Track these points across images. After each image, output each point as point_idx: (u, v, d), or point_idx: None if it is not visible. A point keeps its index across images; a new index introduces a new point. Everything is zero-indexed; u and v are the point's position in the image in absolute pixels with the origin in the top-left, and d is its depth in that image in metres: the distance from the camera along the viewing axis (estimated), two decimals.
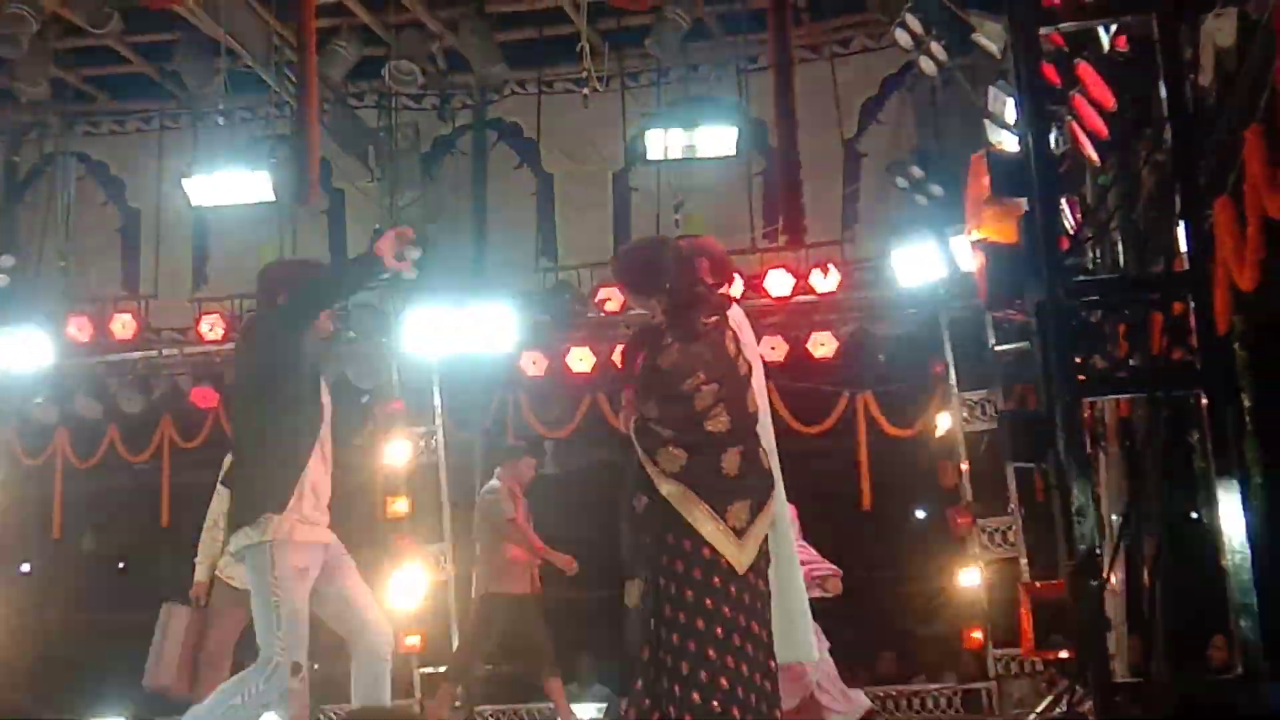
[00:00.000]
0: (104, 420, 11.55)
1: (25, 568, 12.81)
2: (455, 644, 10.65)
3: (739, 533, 4.43)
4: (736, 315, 4.76)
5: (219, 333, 11.07)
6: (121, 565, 13.76)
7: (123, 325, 11.16)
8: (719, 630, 4.33)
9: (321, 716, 10.62)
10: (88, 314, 11.18)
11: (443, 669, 10.56)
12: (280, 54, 9.97)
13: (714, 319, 4.59)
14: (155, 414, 11.59)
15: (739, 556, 4.42)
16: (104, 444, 11.60)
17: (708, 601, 4.35)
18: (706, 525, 4.42)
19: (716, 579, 4.39)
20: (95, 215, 12.02)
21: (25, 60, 10.45)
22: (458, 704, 9.45)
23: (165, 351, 11.45)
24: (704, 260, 4.79)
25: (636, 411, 4.62)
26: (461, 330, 10.57)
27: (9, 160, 12.23)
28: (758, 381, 4.70)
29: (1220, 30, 5.58)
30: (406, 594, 10.61)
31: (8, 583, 12.05)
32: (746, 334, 4.81)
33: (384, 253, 4.85)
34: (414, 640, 10.59)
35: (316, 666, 12.40)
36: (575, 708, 10.35)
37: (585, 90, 10.22)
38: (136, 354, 11.41)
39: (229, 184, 9.86)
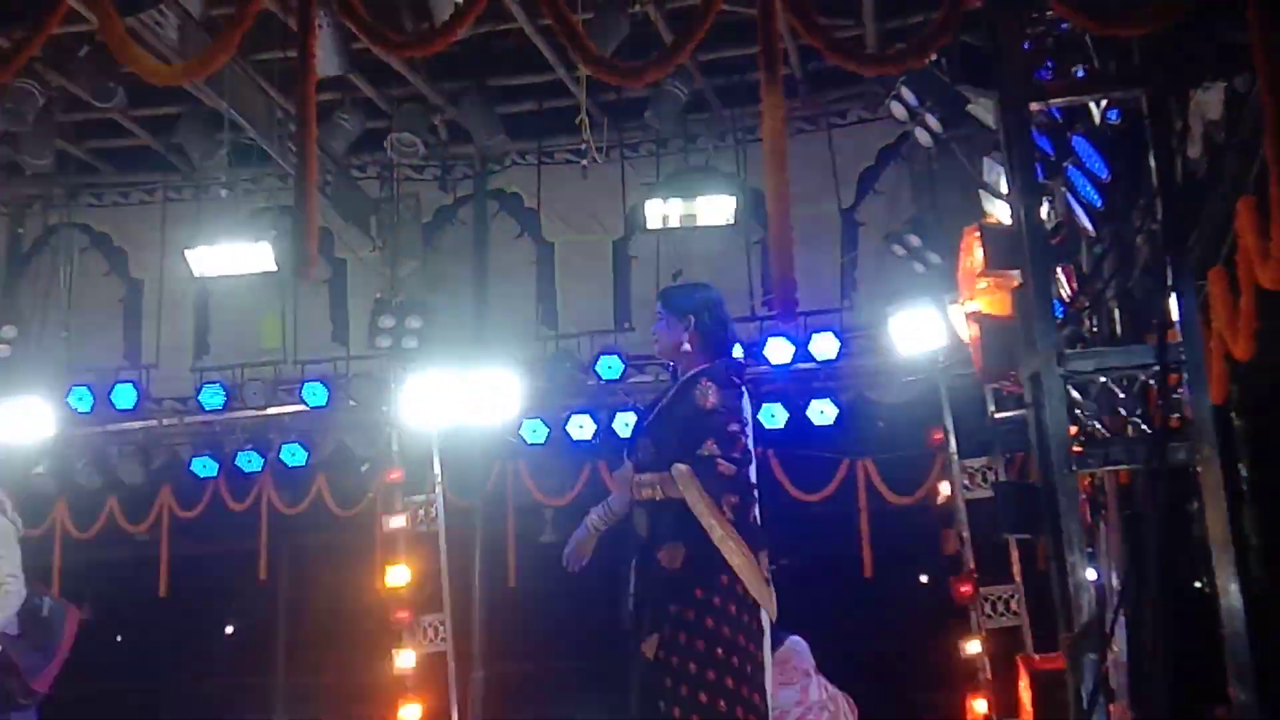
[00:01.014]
0: (104, 490, 11.56)
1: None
2: (454, 714, 10.58)
3: (768, 582, 4.52)
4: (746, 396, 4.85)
5: (219, 402, 11.10)
6: (119, 637, 13.68)
7: (124, 395, 11.19)
8: (748, 668, 4.39)
9: None
10: (89, 384, 11.21)
11: None
12: (283, 126, 10.07)
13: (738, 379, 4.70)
14: (155, 484, 11.60)
15: (772, 605, 4.49)
16: (103, 514, 11.60)
17: (741, 639, 4.41)
18: (748, 572, 4.44)
19: (748, 621, 4.43)
20: (98, 286, 12.09)
21: (31, 133, 10.56)
22: None
23: (165, 421, 11.47)
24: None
25: (684, 456, 4.51)
26: (461, 398, 10.58)
27: (13, 232, 12.32)
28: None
29: (1208, 104, 5.65)
30: (404, 664, 10.55)
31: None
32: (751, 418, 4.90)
33: None
34: (413, 712, 10.50)
35: None
36: None
37: (585, 161, 10.35)
38: (137, 424, 11.43)
39: (231, 255, 9.95)
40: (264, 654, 12.77)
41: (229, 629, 13.99)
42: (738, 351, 5.24)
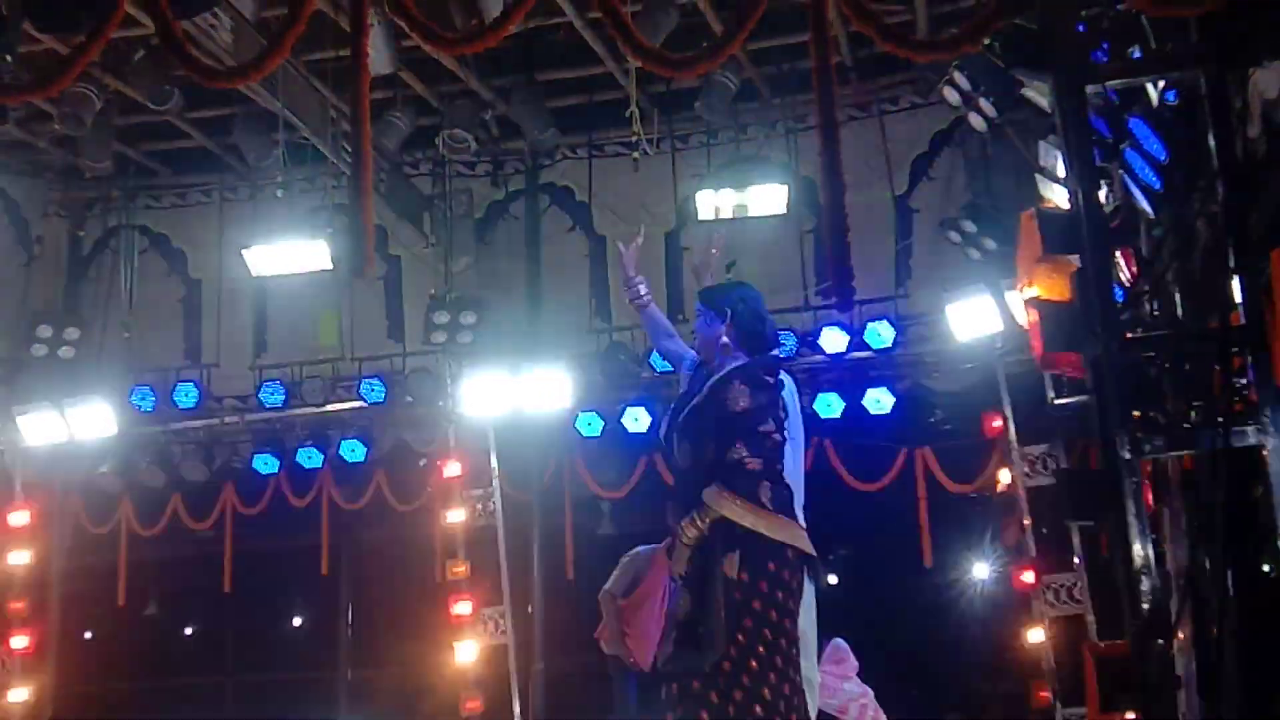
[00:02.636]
0: (167, 489, 11.71)
1: (88, 635, 12.95)
2: (515, 707, 10.64)
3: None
4: (790, 387, 5.09)
5: (279, 399, 11.23)
6: (189, 632, 13.89)
7: (185, 394, 11.34)
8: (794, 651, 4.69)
9: None
10: (151, 384, 11.37)
11: None
12: (336, 125, 10.15)
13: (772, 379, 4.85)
14: (218, 482, 11.74)
15: (808, 545, 4.78)
16: (167, 512, 11.75)
17: (787, 623, 4.66)
18: (794, 537, 4.73)
19: (796, 588, 4.72)
20: (158, 287, 12.25)
21: (89, 137, 10.72)
22: None
23: (227, 419, 11.61)
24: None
25: (717, 460, 4.74)
26: (517, 393, 10.63)
27: (73, 235, 12.50)
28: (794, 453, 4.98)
29: (1267, 82, 5.55)
30: (466, 658, 10.63)
31: (72, 650, 12.20)
32: (793, 407, 5.14)
33: None
34: (475, 704, 10.58)
35: None
36: None
37: (636, 153, 10.33)
38: (199, 422, 11.58)
39: (287, 253, 10.04)
40: (327, 648, 12.90)
41: (292, 623, 14.15)
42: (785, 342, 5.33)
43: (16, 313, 11.83)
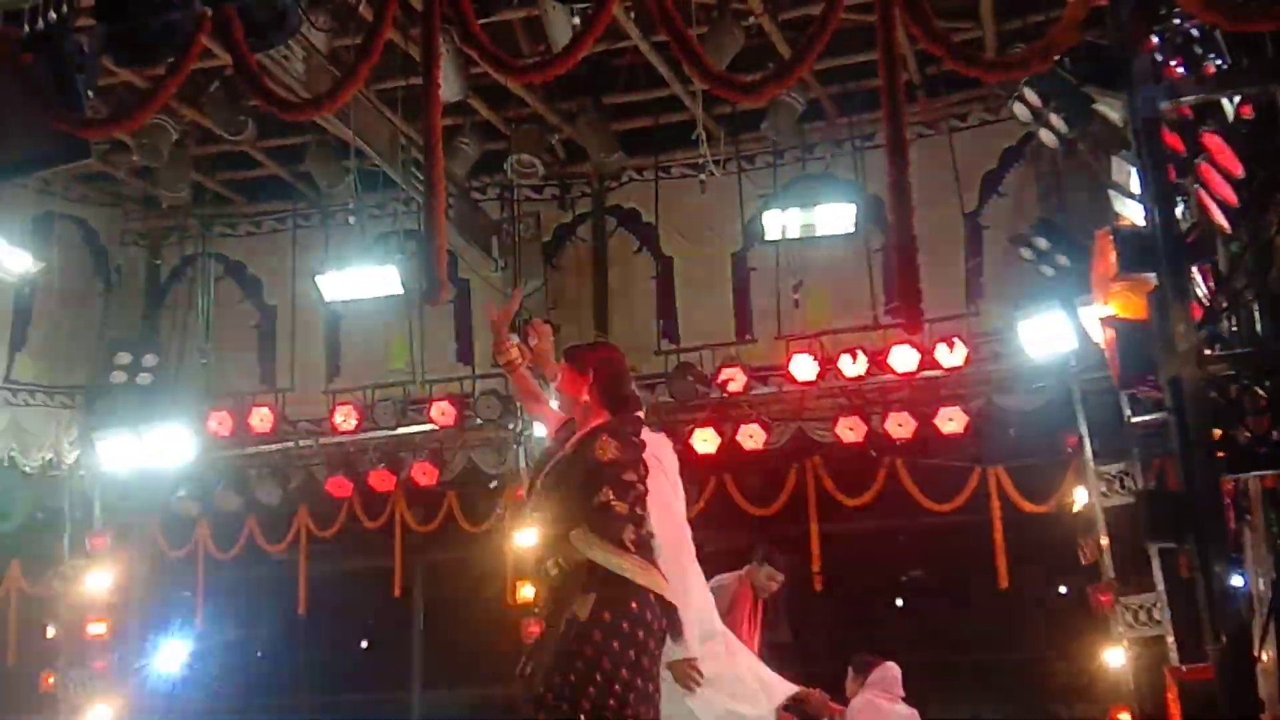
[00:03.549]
0: (243, 511, 11.87)
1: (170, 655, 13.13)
2: None
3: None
4: (656, 444, 5.34)
5: (352, 423, 11.35)
6: (260, 654, 14.04)
7: (260, 419, 11.50)
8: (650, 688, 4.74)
9: None
10: (227, 409, 11.54)
11: None
12: (406, 152, 10.27)
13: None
14: (292, 504, 11.88)
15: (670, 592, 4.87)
16: (243, 535, 11.90)
17: (645, 662, 4.72)
18: (657, 583, 4.81)
19: (658, 630, 4.79)
20: (233, 313, 12.46)
21: (166, 167, 10.94)
22: None
23: (301, 443, 11.75)
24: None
25: (584, 506, 4.85)
26: None
27: (151, 263, 12.75)
28: (659, 507, 5.12)
29: None
30: None
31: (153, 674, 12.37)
32: (668, 462, 5.53)
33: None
34: None
35: None
36: None
37: (702, 175, 10.35)
38: (274, 446, 11.73)
39: (359, 279, 10.17)
40: (399, 669, 12.99)
41: (364, 645, 14.26)
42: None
43: (96, 340, 12.07)
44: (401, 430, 11.45)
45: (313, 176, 11.35)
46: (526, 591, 10.82)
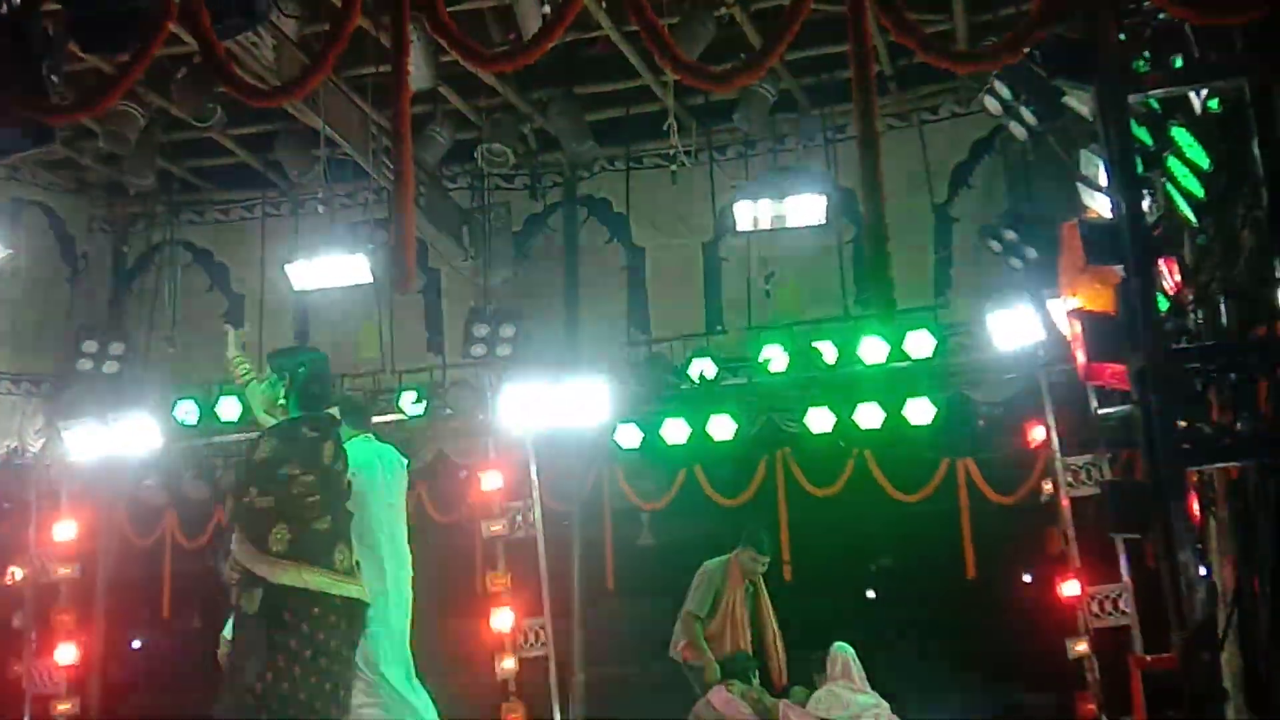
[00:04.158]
0: (210, 501, 11.78)
1: (136, 644, 13.06)
2: (556, 717, 10.65)
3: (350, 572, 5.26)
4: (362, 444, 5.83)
5: None
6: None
7: (227, 408, 11.42)
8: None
9: None
10: (194, 397, 11.46)
11: None
12: (376, 140, 10.23)
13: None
14: None
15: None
16: (211, 524, 11.82)
17: (323, 661, 5.11)
18: (317, 584, 5.10)
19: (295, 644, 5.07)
20: (201, 301, 12.38)
21: (133, 154, 10.85)
22: None
23: None
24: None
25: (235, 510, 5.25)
26: (556, 405, 10.66)
27: (118, 250, 12.66)
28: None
29: None
30: (506, 668, 10.65)
31: (118, 662, 12.30)
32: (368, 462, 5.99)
33: None
34: (515, 716, 10.59)
35: None
36: None
37: (674, 165, 10.36)
38: (242, 435, 11.64)
39: (329, 268, 10.11)
40: None
41: None
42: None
43: (62, 327, 11.98)
44: (371, 420, 11.38)
45: (282, 164, 11.28)
46: (497, 580, 10.84)
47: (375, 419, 11.30)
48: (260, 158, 11.72)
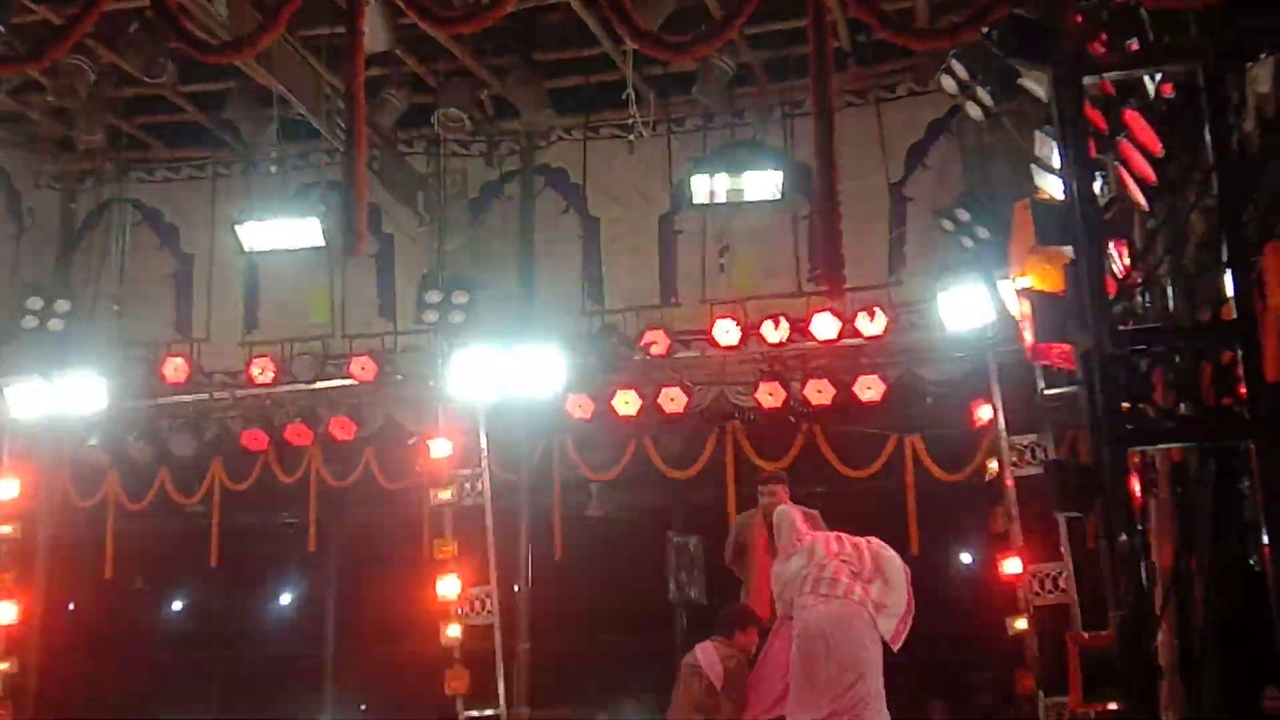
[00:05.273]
0: (155, 463, 11.69)
1: (71, 606, 12.95)
2: (501, 686, 10.67)
3: None
4: None
5: (269, 376, 11.21)
6: (177, 606, 13.88)
7: (174, 369, 11.32)
8: None
9: None
10: (140, 358, 11.33)
11: (488, 711, 10.59)
12: (331, 102, 10.11)
13: None
14: (206, 457, 11.72)
15: None
16: (155, 486, 11.72)
17: None
18: None
19: None
20: (149, 261, 12.23)
21: (82, 109, 10.69)
22: None
23: (216, 395, 11.59)
24: None
25: None
26: (508, 373, 10.63)
27: (65, 207, 12.47)
28: None
29: (1259, 77, 5.55)
30: (451, 635, 10.64)
31: (59, 623, 12.19)
32: None
33: None
34: (459, 682, 10.61)
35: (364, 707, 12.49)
36: None
37: (632, 136, 10.32)
38: (188, 397, 11.55)
39: (280, 230, 10.04)
40: (314, 624, 12.89)
41: (280, 599, 14.15)
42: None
43: (7, 284, 11.82)
44: (320, 385, 11.34)
45: (234, 124, 11.13)
46: (444, 548, 10.83)
47: (322, 384, 11.31)
48: (212, 116, 11.54)
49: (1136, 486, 6.52)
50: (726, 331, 10.54)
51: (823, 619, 6.99)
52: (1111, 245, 6.83)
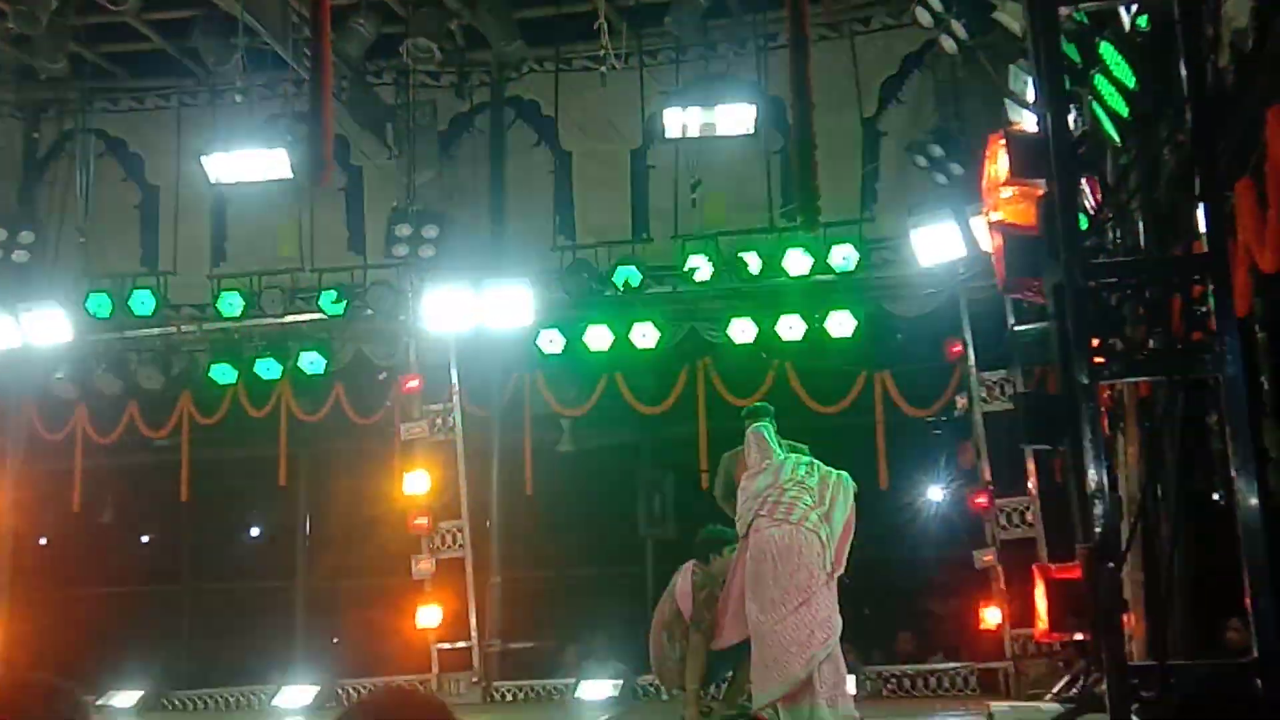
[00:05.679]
0: (123, 396, 11.61)
1: (43, 541, 12.92)
2: (473, 620, 10.72)
3: None
4: None
5: (237, 310, 11.11)
6: (145, 539, 13.86)
7: (141, 302, 11.19)
8: None
9: (341, 691, 10.71)
10: (107, 290, 11.22)
11: (459, 644, 10.65)
12: (298, 31, 9.94)
13: None
14: (174, 390, 11.64)
15: None
16: (123, 420, 11.65)
17: None
18: None
19: None
20: (114, 192, 12.05)
21: (44, 36, 10.47)
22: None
23: (184, 328, 11.50)
24: None
25: None
26: (479, 308, 10.58)
27: (29, 136, 12.26)
28: None
29: (1235, 11, 5.52)
30: (423, 569, 10.68)
31: (27, 556, 12.16)
32: None
33: None
34: (431, 616, 10.65)
35: (336, 640, 12.55)
36: (591, 684, 10.40)
37: (604, 68, 10.19)
38: (155, 330, 11.46)
39: (247, 161, 9.87)
40: (285, 557, 12.92)
41: (250, 533, 14.15)
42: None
43: None
44: (289, 318, 11.26)
45: (199, 52, 10.94)
46: (415, 485, 10.83)
47: (291, 318, 11.23)
48: (176, 45, 11.34)
49: (1104, 422, 6.57)
50: (699, 267, 10.51)
51: (772, 542, 7.11)
52: (1083, 181, 6.84)
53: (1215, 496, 6.88)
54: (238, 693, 11.24)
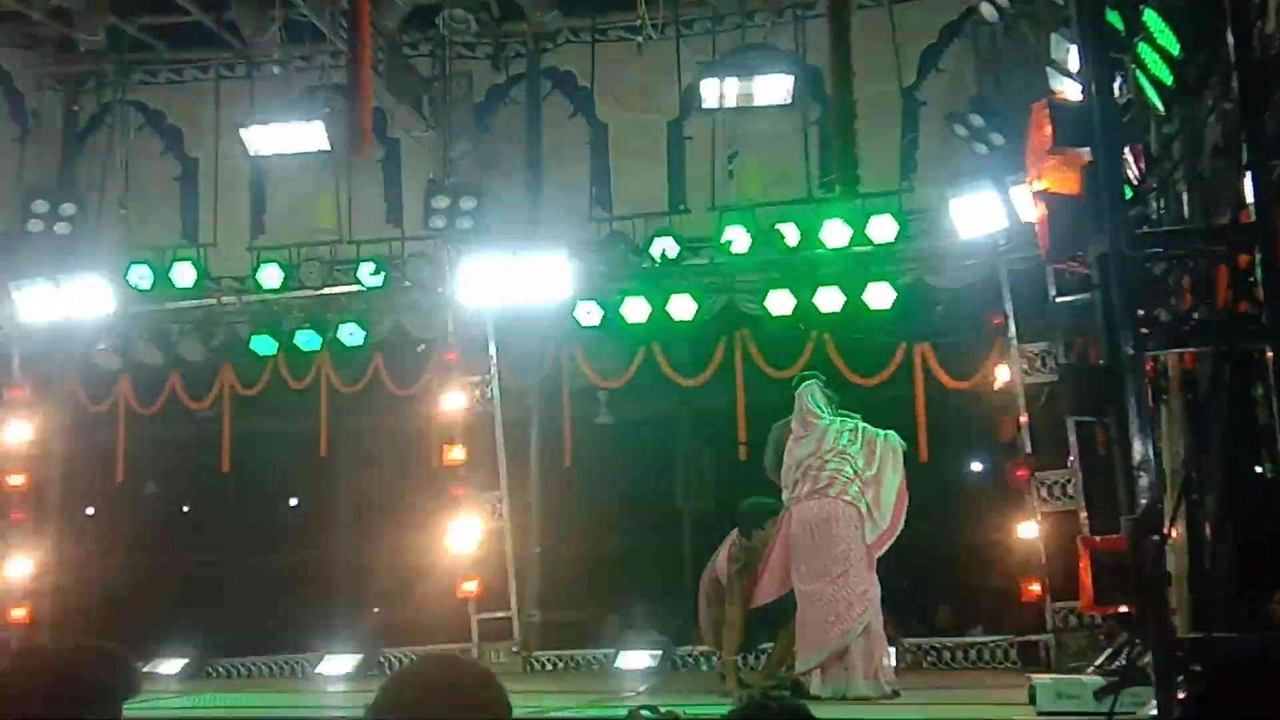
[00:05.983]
0: (165, 368, 11.69)
1: (90, 511, 13.06)
2: (513, 591, 10.77)
3: None
4: None
5: (277, 281, 11.16)
6: (186, 509, 13.99)
7: (182, 273, 11.26)
8: None
9: (383, 660, 10.80)
10: (148, 261, 11.29)
11: (499, 614, 10.71)
12: (335, 3, 9.95)
13: None
14: (215, 362, 11.72)
15: None
16: (165, 391, 11.74)
17: None
18: None
19: None
20: (154, 164, 12.12)
21: (83, 9, 10.55)
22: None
23: (225, 299, 11.56)
24: None
25: None
26: (516, 280, 10.58)
27: (68, 109, 12.34)
28: None
29: None
30: (463, 541, 10.73)
31: (73, 527, 12.30)
32: None
33: None
34: (471, 587, 10.71)
35: (377, 610, 12.66)
36: (630, 654, 10.44)
37: (640, 38, 10.15)
38: (196, 302, 11.53)
39: (285, 133, 9.92)
40: (325, 529, 13.02)
41: (290, 504, 14.26)
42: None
43: (12, 187, 11.74)
44: (328, 290, 11.30)
45: (237, 25, 10.97)
46: (454, 455, 10.87)
47: (330, 290, 11.26)
48: (214, 17, 11.35)
49: (1148, 394, 6.51)
50: (736, 238, 10.45)
51: (810, 514, 7.24)
52: (1126, 150, 6.75)
53: (1260, 470, 6.81)
54: (280, 661, 11.35)
